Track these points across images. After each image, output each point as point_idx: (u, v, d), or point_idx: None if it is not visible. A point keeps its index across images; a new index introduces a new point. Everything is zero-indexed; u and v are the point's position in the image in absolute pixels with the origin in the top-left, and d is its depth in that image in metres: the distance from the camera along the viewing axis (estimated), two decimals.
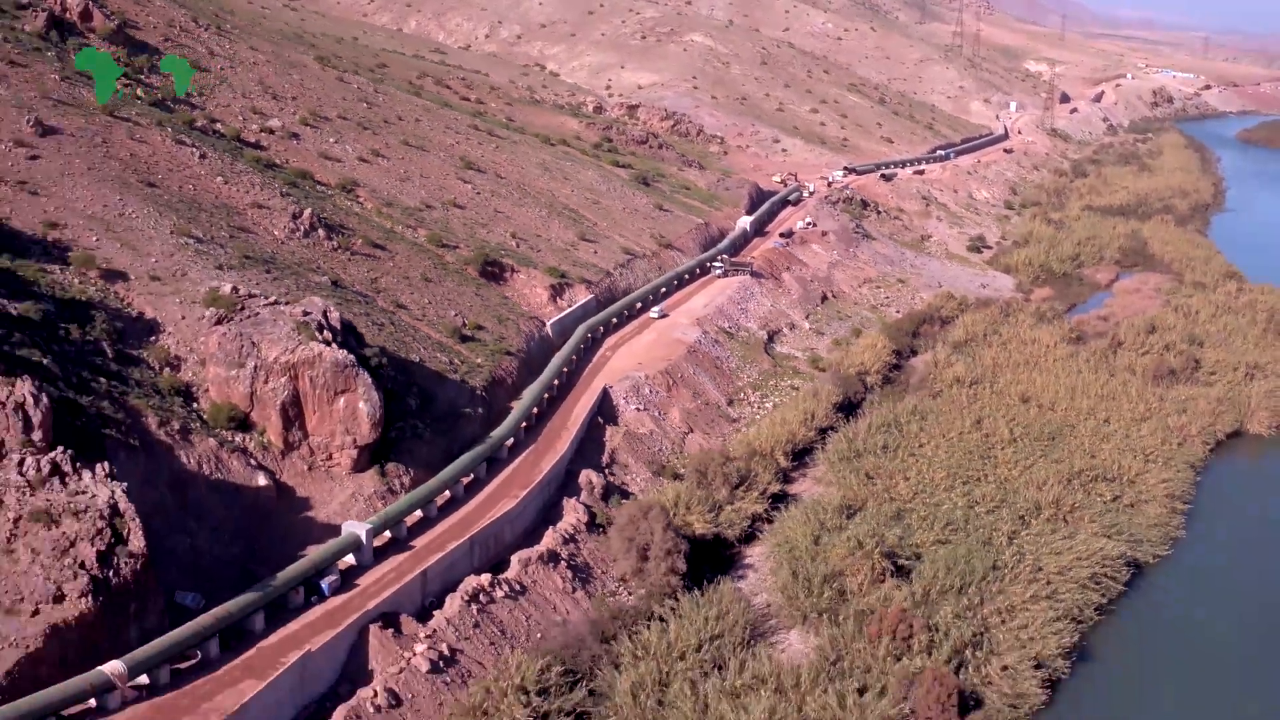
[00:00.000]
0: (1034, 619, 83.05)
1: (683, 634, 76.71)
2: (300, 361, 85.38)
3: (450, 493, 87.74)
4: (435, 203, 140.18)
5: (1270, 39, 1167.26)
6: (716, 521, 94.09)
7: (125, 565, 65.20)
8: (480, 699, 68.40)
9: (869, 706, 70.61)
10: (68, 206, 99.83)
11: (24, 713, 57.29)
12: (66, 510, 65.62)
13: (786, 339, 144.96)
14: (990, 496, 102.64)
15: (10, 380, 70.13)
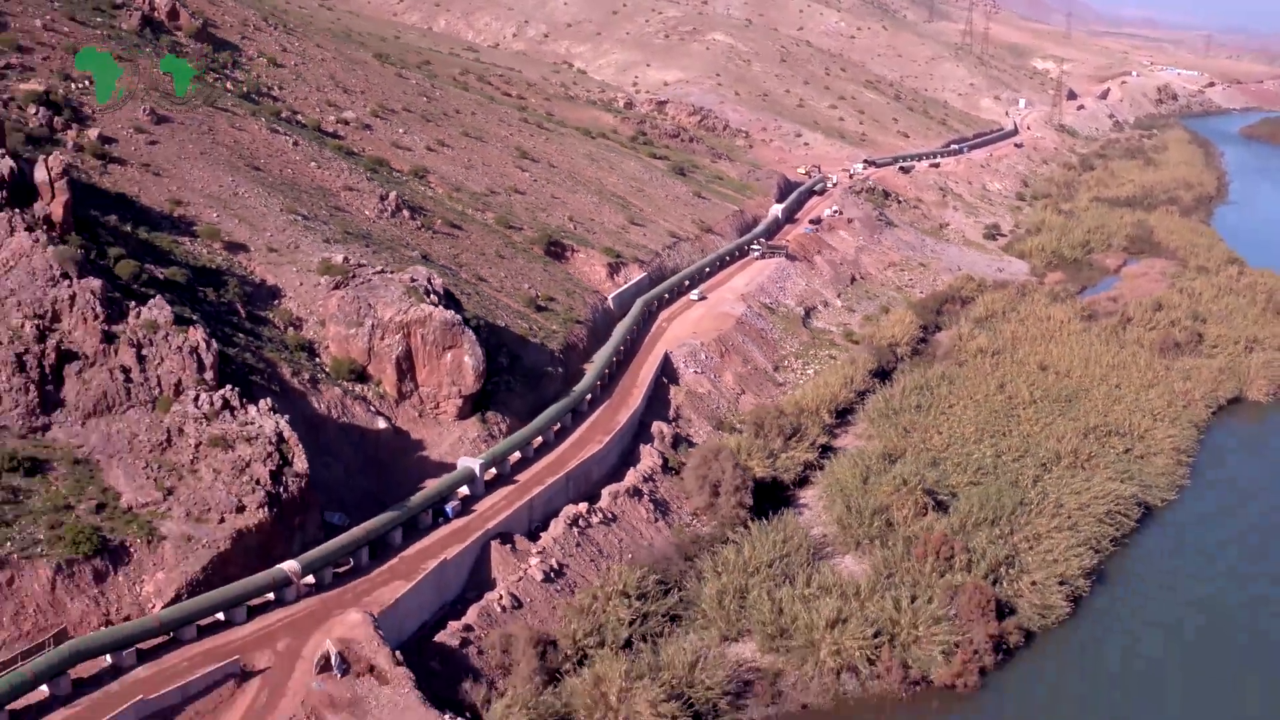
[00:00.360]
0: (1057, 545, 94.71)
1: (755, 553, 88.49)
2: (412, 321, 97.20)
3: (542, 438, 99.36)
4: (498, 189, 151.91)
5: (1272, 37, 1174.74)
6: (774, 466, 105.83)
7: (292, 483, 77.11)
8: (589, 601, 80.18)
9: (920, 610, 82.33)
10: (188, 186, 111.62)
11: (222, 600, 69.27)
12: (239, 437, 77.50)
13: (821, 315, 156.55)
14: (1015, 448, 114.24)
15: (184, 328, 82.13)
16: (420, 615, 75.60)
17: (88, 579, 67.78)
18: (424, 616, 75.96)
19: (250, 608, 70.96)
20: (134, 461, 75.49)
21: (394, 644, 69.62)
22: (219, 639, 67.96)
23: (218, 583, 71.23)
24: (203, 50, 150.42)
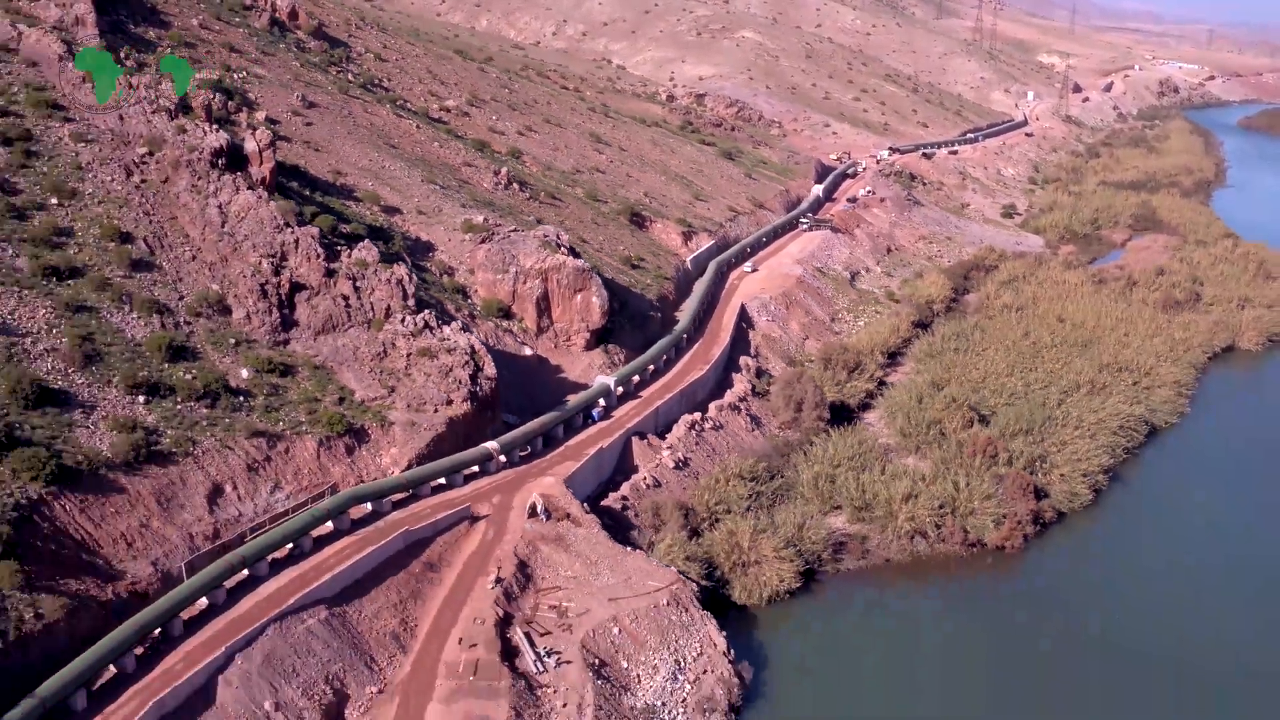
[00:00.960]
0: (1080, 449, 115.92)
1: (838, 450, 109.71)
2: (549, 268, 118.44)
3: (654, 365, 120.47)
4: (582, 168, 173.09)
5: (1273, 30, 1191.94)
6: (841, 392, 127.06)
7: (485, 384, 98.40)
8: (714, 482, 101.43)
9: (974, 489, 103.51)
10: (343, 160, 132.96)
11: (447, 467, 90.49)
12: (441, 349, 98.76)
13: (864, 279, 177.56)
14: (1041, 380, 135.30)
15: (389, 265, 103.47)
16: (586, 488, 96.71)
17: (341, 451, 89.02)
18: (588, 490, 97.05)
19: (464, 476, 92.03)
20: (359, 367, 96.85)
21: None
22: (446, 496, 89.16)
23: (437, 457, 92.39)
24: (322, 46, 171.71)
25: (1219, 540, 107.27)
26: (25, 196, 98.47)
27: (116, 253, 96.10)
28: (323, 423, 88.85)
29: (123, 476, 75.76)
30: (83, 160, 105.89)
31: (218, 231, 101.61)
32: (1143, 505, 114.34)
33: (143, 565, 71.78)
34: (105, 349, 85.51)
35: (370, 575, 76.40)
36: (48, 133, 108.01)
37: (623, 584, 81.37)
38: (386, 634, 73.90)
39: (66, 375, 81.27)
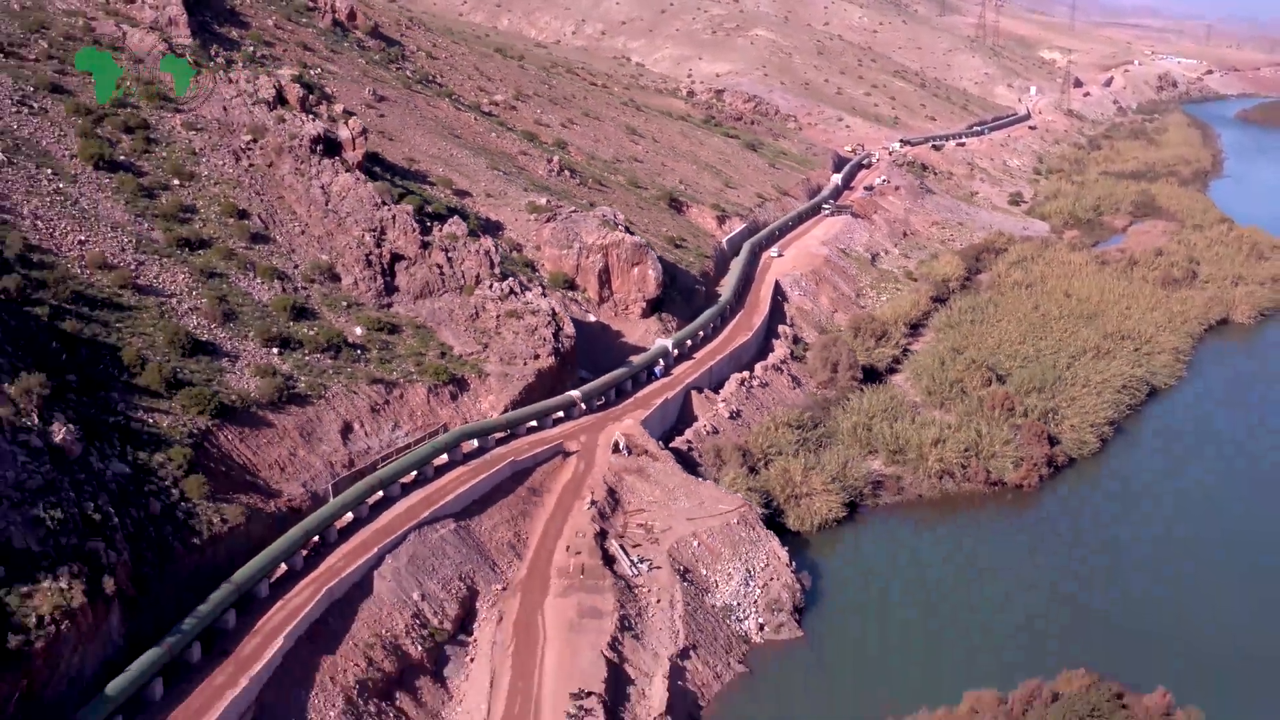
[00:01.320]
0: (1088, 404, 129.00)
1: (871, 404, 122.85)
2: (609, 244, 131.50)
3: (702, 332, 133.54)
4: (621, 158, 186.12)
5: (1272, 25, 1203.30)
6: (871, 356, 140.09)
7: (565, 342, 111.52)
8: (764, 429, 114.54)
9: (994, 436, 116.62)
10: (415, 148, 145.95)
11: (539, 410, 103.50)
12: (525, 311, 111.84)
13: (884, 260, 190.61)
14: (1051, 347, 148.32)
15: (478, 236, 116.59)
16: (654, 433, 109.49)
17: (446, 397, 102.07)
18: (656, 435, 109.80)
19: (552, 420, 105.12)
20: (455, 327, 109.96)
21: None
22: (539, 435, 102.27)
23: (527, 404, 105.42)
24: (380, 45, 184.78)
25: (1211, 481, 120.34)
26: (151, 178, 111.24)
27: (236, 227, 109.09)
28: (429, 373, 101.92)
29: (270, 414, 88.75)
30: (195, 146, 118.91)
31: (322, 209, 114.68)
32: (1144, 453, 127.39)
33: (295, 486, 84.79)
34: (239, 308, 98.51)
35: (485, 497, 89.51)
36: (162, 122, 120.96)
37: (697, 508, 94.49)
38: (504, 544, 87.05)
39: (210, 330, 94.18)
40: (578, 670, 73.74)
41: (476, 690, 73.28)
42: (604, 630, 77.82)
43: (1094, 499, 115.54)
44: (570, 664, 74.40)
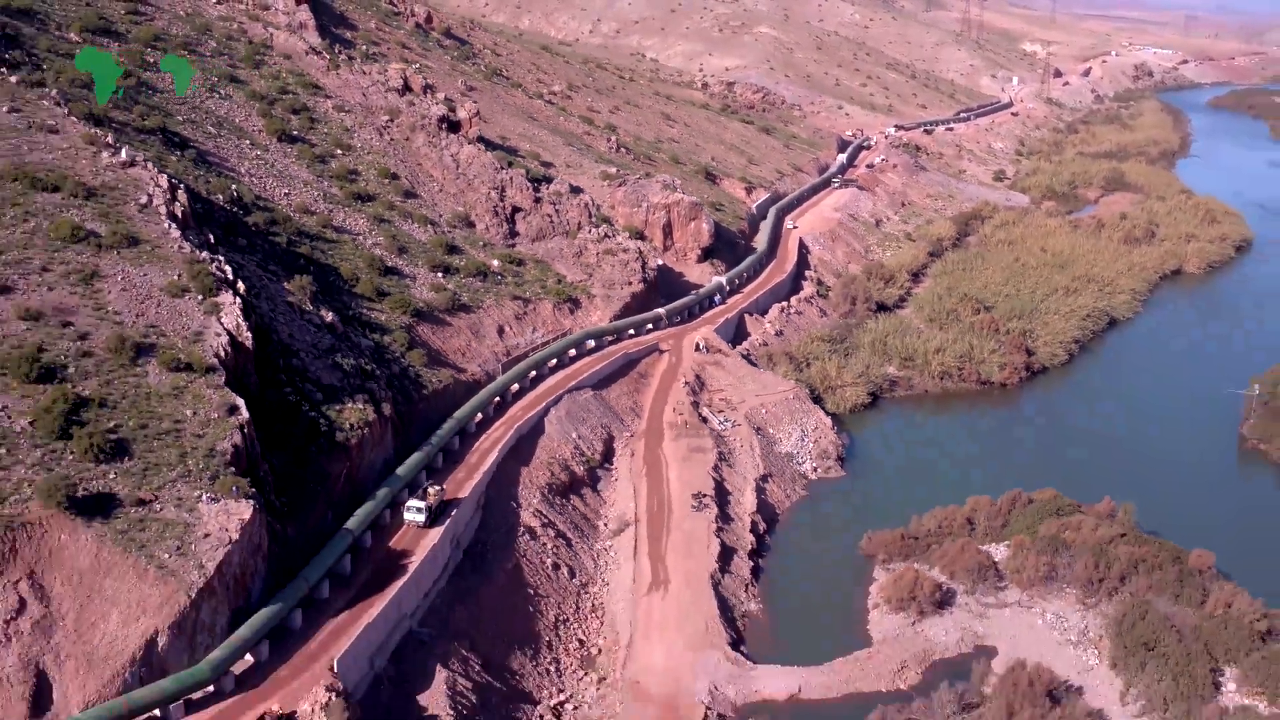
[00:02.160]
0: (1058, 326, 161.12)
1: (885, 327, 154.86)
2: (671, 203, 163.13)
3: (746, 274, 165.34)
4: (661, 139, 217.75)
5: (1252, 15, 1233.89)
6: (881, 294, 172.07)
7: (649, 273, 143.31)
8: (804, 342, 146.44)
9: (983, 347, 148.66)
10: (505, 129, 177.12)
11: (638, 320, 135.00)
12: (618, 249, 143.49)
13: (886, 224, 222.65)
14: (1029, 287, 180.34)
15: (576, 194, 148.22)
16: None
17: (566, 311, 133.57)
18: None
19: (646, 329, 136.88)
20: (565, 261, 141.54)
21: None
22: (637, 340, 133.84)
23: (625, 317, 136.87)
24: (454, 44, 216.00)
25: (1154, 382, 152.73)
26: (320, 149, 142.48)
27: (392, 186, 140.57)
28: (552, 293, 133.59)
29: (447, 317, 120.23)
30: (347, 124, 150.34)
31: (454, 173, 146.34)
32: (1103, 365, 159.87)
33: (473, 366, 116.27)
34: (407, 244, 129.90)
35: (608, 377, 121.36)
36: (317, 105, 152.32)
37: (761, 388, 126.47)
38: (626, 408, 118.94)
39: (392, 258, 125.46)
40: (693, 482, 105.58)
41: (623, 496, 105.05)
42: (708, 460, 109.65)
43: (1062, 395, 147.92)
44: (687, 479, 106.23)
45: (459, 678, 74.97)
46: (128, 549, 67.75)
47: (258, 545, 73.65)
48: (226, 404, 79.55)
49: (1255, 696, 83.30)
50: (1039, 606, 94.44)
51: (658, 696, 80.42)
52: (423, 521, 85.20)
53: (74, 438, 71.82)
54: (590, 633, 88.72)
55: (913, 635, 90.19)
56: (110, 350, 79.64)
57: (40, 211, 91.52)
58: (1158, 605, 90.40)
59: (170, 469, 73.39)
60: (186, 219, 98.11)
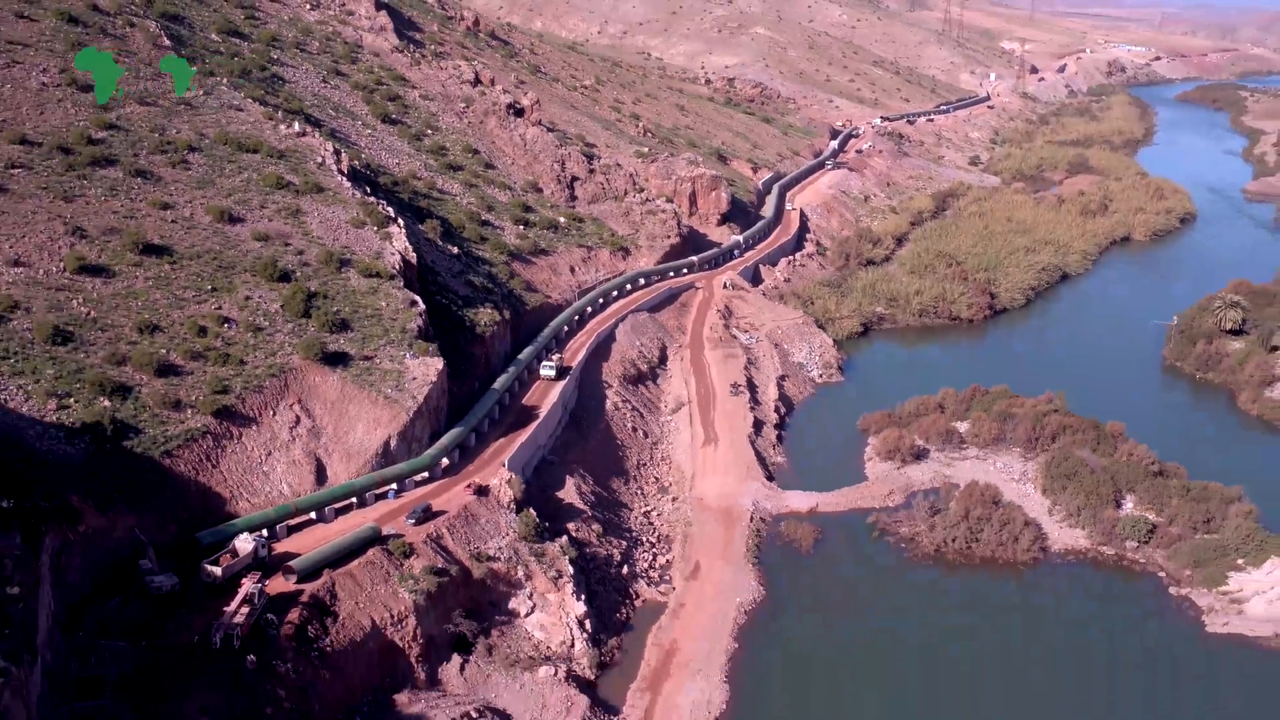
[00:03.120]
0: (1017, 276, 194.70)
1: (874, 276, 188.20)
2: (695, 176, 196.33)
3: (758, 235, 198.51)
4: (678, 126, 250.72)
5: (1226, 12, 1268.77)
6: (870, 253, 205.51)
7: (684, 229, 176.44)
8: (808, 286, 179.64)
9: (954, 290, 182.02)
10: (554, 115, 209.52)
11: (674, 265, 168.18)
12: (658, 210, 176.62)
13: (873, 200, 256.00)
14: (994, 247, 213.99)
15: (619, 166, 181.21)
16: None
17: (620, 257, 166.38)
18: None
19: (684, 272, 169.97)
20: (615, 219, 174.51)
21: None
22: (678, 279, 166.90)
23: (665, 262, 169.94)
24: (499, 44, 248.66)
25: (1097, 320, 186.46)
26: (414, 129, 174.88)
27: (474, 159, 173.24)
28: (608, 243, 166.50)
29: (532, 258, 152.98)
30: (432, 110, 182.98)
31: (522, 149, 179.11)
32: (1055, 307, 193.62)
33: (555, 294, 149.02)
34: (493, 204, 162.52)
35: (658, 305, 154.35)
36: (406, 94, 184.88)
37: (777, 316, 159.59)
38: (673, 327, 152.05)
39: (483, 214, 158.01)
40: (730, 377, 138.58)
41: (678, 386, 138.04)
42: (740, 363, 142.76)
43: (1018, 329, 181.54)
44: (725, 375, 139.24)
45: (580, 484, 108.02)
46: (362, 385, 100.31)
47: (444, 390, 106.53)
48: (409, 299, 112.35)
49: (1145, 510, 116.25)
50: (991, 459, 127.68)
51: (716, 509, 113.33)
52: (553, 375, 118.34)
53: (312, 316, 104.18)
54: (662, 473, 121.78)
55: (898, 474, 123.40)
56: (322, 262, 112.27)
57: (248, 166, 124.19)
58: (1079, 453, 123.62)
59: (380, 339, 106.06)
60: (349, 175, 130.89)
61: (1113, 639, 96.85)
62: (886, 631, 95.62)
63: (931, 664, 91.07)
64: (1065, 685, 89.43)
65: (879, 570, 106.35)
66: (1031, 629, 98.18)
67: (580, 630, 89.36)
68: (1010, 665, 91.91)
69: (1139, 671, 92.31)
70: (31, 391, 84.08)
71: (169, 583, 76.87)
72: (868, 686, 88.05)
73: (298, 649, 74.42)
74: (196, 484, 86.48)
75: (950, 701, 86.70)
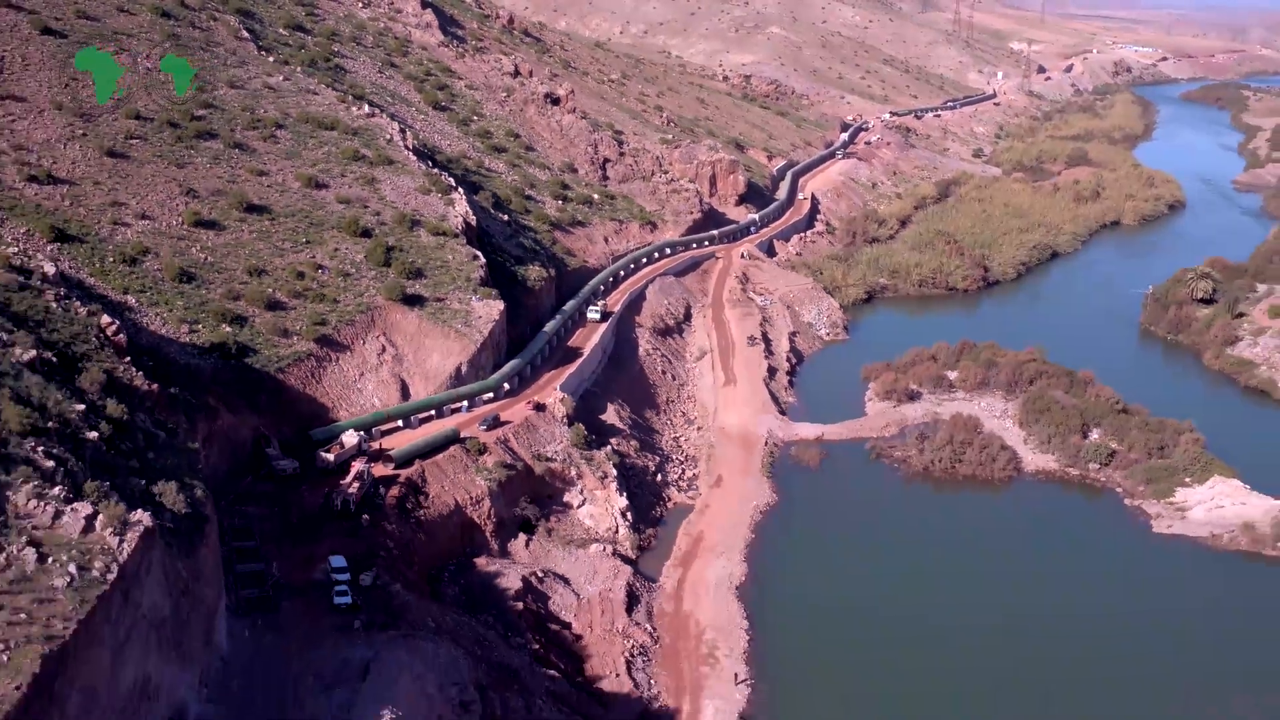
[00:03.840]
0: (1010, 252, 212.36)
1: (878, 250, 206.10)
2: (715, 160, 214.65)
3: (772, 214, 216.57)
4: (699, 118, 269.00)
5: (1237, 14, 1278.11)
6: (875, 232, 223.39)
7: (705, 206, 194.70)
8: (818, 259, 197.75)
9: (950, 263, 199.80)
10: (584, 105, 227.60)
11: (697, 238, 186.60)
12: (682, 189, 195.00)
13: (880, 187, 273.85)
14: (991, 228, 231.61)
15: (646, 150, 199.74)
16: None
17: (649, 229, 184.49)
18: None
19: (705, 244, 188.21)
20: (644, 197, 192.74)
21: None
22: (700, 250, 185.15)
23: (688, 235, 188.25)
24: (532, 40, 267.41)
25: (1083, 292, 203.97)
26: (461, 115, 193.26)
27: (516, 143, 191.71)
28: (637, 217, 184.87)
29: (570, 228, 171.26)
30: (477, 98, 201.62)
31: (559, 134, 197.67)
32: (1045, 280, 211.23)
33: (591, 260, 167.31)
34: (534, 183, 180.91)
35: (683, 270, 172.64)
36: (453, 84, 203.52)
37: (789, 283, 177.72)
38: (696, 290, 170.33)
39: (527, 190, 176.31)
40: (747, 331, 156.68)
41: (701, 338, 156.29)
42: (755, 320, 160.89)
43: (1009, 299, 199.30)
44: (743, 329, 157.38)
45: (620, 410, 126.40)
46: (436, 322, 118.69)
47: (503, 328, 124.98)
48: (471, 253, 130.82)
49: (1108, 439, 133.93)
50: (976, 400, 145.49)
51: (735, 436, 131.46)
52: (598, 318, 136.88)
53: (391, 265, 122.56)
54: (688, 409, 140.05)
55: (894, 411, 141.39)
56: (396, 222, 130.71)
57: (328, 141, 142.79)
58: (1052, 393, 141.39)
59: (449, 285, 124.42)
60: (414, 151, 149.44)
61: (1072, 535, 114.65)
62: (880, 528, 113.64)
63: (916, 548, 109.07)
64: (1030, 569, 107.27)
65: (875, 483, 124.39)
66: (1004, 527, 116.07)
67: (623, 520, 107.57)
68: (978, 551, 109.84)
69: (1095, 560, 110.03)
70: (167, 318, 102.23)
71: (291, 466, 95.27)
72: (863, 564, 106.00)
73: (399, 515, 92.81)
74: (304, 395, 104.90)
75: (929, 573, 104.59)
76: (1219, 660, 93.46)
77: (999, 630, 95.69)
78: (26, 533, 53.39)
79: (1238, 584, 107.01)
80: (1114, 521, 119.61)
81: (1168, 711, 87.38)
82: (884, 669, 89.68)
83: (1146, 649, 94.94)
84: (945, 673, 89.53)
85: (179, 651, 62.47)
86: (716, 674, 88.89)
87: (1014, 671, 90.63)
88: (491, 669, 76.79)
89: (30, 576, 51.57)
